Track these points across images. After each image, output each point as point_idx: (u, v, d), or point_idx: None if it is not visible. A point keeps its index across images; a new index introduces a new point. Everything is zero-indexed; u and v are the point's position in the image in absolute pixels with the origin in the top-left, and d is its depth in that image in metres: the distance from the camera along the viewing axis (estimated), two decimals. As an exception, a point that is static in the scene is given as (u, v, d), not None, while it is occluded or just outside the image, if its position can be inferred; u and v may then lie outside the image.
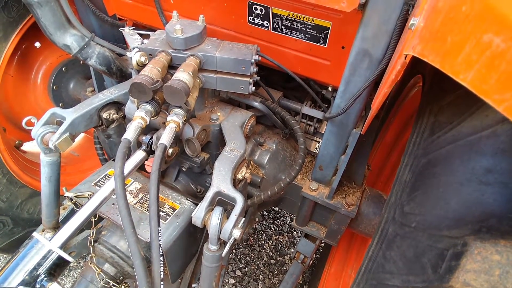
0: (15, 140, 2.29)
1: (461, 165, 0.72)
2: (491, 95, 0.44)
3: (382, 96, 0.90)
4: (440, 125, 0.83)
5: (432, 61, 0.54)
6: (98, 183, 1.46)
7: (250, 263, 2.82)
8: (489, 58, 0.44)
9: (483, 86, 0.45)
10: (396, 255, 0.80)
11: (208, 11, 1.47)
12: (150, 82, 1.11)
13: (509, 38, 0.42)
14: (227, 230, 1.11)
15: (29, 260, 1.10)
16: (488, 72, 0.44)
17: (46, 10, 1.39)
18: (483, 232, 0.63)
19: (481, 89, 0.45)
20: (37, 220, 2.25)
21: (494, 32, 0.43)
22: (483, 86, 0.45)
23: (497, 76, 0.43)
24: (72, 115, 1.38)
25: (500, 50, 0.43)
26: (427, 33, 0.59)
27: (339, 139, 1.45)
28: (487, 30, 0.44)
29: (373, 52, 1.10)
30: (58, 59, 2.35)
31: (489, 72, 0.44)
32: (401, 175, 0.96)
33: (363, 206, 1.70)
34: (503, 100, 0.42)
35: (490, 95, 0.44)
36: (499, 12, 0.43)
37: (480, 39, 0.45)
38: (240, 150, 1.33)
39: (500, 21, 0.43)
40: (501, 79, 0.43)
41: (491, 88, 0.44)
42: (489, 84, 0.44)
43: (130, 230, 0.90)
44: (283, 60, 1.42)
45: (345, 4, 0.99)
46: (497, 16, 0.43)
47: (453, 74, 0.50)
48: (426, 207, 0.78)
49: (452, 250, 0.65)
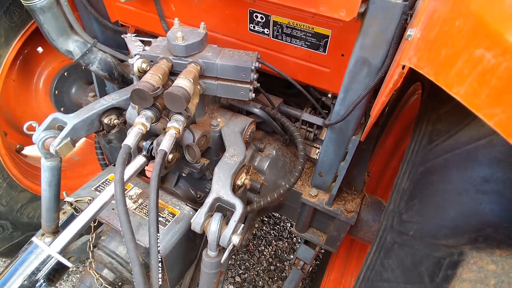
0: (16, 144, 2.30)
1: (458, 174, 0.73)
2: (482, 109, 0.44)
3: (381, 104, 0.91)
4: (438, 133, 0.83)
5: (427, 74, 0.55)
6: (98, 188, 1.47)
7: (249, 269, 2.81)
8: (481, 73, 0.45)
9: (475, 100, 0.45)
10: (394, 263, 0.80)
11: (209, 18, 1.49)
12: (151, 89, 1.12)
13: (500, 54, 0.42)
14: (226, 236, 1.12)
15: (28, 265, 1.10)
16: (480, 86, 0.45)
17: (48, 16, 1.40)
18: (480, 242, 0.63)
19: (473, 103, 0.46)
20: (37, 224, 2.25)
21: (486, 47, 0.44)
22: (475, 100, 0.45)
23: (488, 91, 0.44)
24: (73, 120, 1.39)
25: (491, 65, 0.44)
26: (423, 45, 0.60)
27: (339, 146, 1.46)
28: (479, 45, 0.45)
29: (372, 60, 1.11)
30: (60, 64, 2.37)
31: (481, 87, 0.45)
32: (399, 183, 0.96)
33: (362, 213, 1.70)
34: (493, 115, 0.43)
35: (481, 110, 0.45)
36: (491, 28, 0.43)
37: (472, 54, 0.46)
38: (240, 156, 1.34)
39: (492, 37, 0.43)
40: (492, 94, 0.44)
41: (482, 102, 0.44)
42: (480, 98, 0.44)
43: (129, 236, 0.90)
44: (283, 67, 1.44)
45: (344, 13, 1.01)
46: (489, 32, 0.44)
47: (447, 87, 0.51)
48: (423, 215, 0.78)
49: (449, 259, 0.65)
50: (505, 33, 0.42)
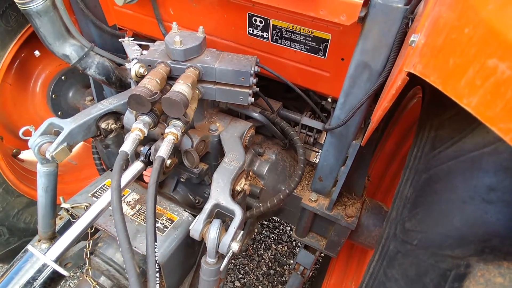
0: (13, 148, 2.27)
1: (463, 182, 0.71)
2: (497, 123, 0.42)
3: (383, 110, 0.89)
4: (441, 140, 0.82)
5: (434, 82, 0.53)
6: (95, 194, 1.45)
7: (249, 273, 2.79)
8: (494, 85, 0.43)
9: (488, 113, 0.43)
10: (398, 273, 0.78)
11: (208, 22, 1.48)
12: (149, 94, 1.10)
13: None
14: (226, 243, 1.10)
15: (23, 274, 1.08)
16: (493, 99, 0.43)
17: (45, 20, 1.39)
18: (486, 253, 0.62)
19: (486, 116, 0.44)
20: (34, 230, 2.23)
21: (499, 58, 0.42)
22: (488, 113, 0.43)
23: (503, 104, 0.41)
24: (70, 125, 1.37)
25: (505, 76, 0.41)
26: (428, 52, 0.58)
27: (339, 151, 1.45)
28: (492, 55, 0.43)
29: (373, 65, 1.09)
30: (58, 68, 2.35)
31: (494, 99, 0.43)
32: (401, 190, 0.94)
33: (363, 218, 1.68)
34: (509, 130, 0.41)
35: (495, 123, 0.43)
36: (505, 38, 0.42)
37: (484, 64, 0.44)
38: (239, 162, 1.32)
39: (506, 47, 0.41)
40: (507, 107, 0.41)
41: (496, 116, 0.42)
42: (494, 111, 0.42)
43: (126, 245, 0.88)
44: (282, 71, 1.42)
45: (344, 18, 0.99)
46: (502, 41, 0.42)
47: (456, 98, 0.49)
48: (428, 224, 0.76)
49: (455, 271, 0.63)
50: None
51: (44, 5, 1.35)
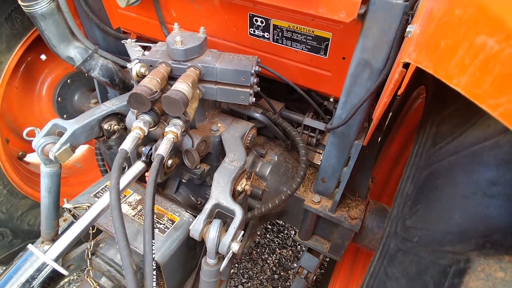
0: (18, 151, 2.30)
1: (464, 177, 0.69)
2: (486, 100, 0.41)
3: (383, 106, 0.88)
4: (442, 135, 0.80)
5: (426, 67, 0.52)
6: (97, 194, 1.45)
7: (253, 278, 2.76)
8: (483, 61, 0.42)
9: (477, 90, 0.42)
10: (398, 271, 0.76)
11: (209, 23, 1.49)
12: (149, 93, 1.10)
13: (503, 39, 0.39)
14: (225, 243, 1.09)
15: (22, 273, 1.07)
16: (482, 75, 0.42)
17: (49, 23, 1.41)
18: (487, 248, 0.60)
19: (475, 93, 0.43)
20: (37, 232, 2.24)
21: (488, 33, 0.41)
22: (477, 90, 0.42)
23: (491, 80, 0.41)
24: (73, 126, 1.39)
25: (493, 52, 0.41)
26: (422, 39, 0.58)
27: (341, 151, 1.43)
28: (481, 32, 0.42)
29: (374, 63, 1.08)
30: (64, 71, 2.38)
31: (483, 76, 0.42)
32: (403, 188, 0.93)
33: (367, 220, 1.65)
34: (498, 105, 0.40)
35: (484, 100, 0.42)
36: (493, 14, 0.41)
37: (473, 42, 0.43)
38: (240, 162, 1.32)
39: (494, 22, 0.41)
40: (495, 83, 0.41)
41: (485, 92, 0.41)
42: (483, 88, 0.41)
43: (123, 243, 0.87)
44: (284, 71, 1.42)
45: (344, 15, 0.99)
46: (491, 17, 0.41)
47: (446, 79, 0.48)
48: (428, 221, 0.74)
49: (455, 266, 0.62)
50: (507, 18, 0.39)
51: (48, 7, 1.37)
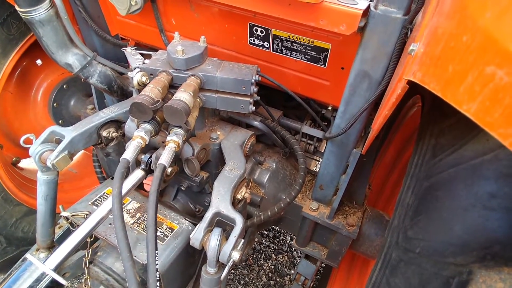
0: (12, 157, 2.27)
1: (464, 190, 0.71)
2: (496, 128, 0.43)
3: (383, 118, 0.90)
4: (441, 147, 0.82)
5: (433, 89, 0.54)
6: (96, 203, 1.44)
7: (249, 284, 2.75)
8: (493, 91, 0.44)
9: (488, 118, 0.44)
10: (401, 282, 0.78)
11: (209, 32, 1.50)
12: (151, 102, 1.11)
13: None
14: (226, 252, 1.09)
15: (21, 284, 1.06)
16: (492, 105, 0.43)
17: (48, 29, 1.40)
18: (488, 260, 0.61)
19: (486, 121, 0.44)
20: (32, 239, 2.21)
21: (497, 64, 0.43)
22: (488, 118, 0.44)
23: (502, 110, 0.42)
24: (71, 133, 1.38)
25: (503, 83, 0.42)
26: (427, 60, 0.59)
27: (340, 159, 1.45)
28: (490, 62, 0.44)
29: (373, 74, 1.11)
30: (60, 77, 2.36)
31: (493, 105, 0.43)
32: (403, 198, 0.94)
33: (364, 227, 1.67)
34: (508, 135, 0.41)
35: (495, 129, 0.43)
36: (502, 46, 0.43)
37: (482, 71, 0.45)
38: (240, 170, 1.32)
39: (503, 54, 0.42)
40: (506, 113, 0.42)
41: (496, 121, 0.43)
42: (493, 117, 0.43)
43: (127, 254, 0.87)
44: (283, 80, 1.44)
45: (344, 28, 1.01)
46: (500, 49, 0.43)
47: (456, 104, 0.50)
48: (430, 232, 0.76)
49: (458, 278, 0.63)
50: None
51: (47, 14, 1.36)
